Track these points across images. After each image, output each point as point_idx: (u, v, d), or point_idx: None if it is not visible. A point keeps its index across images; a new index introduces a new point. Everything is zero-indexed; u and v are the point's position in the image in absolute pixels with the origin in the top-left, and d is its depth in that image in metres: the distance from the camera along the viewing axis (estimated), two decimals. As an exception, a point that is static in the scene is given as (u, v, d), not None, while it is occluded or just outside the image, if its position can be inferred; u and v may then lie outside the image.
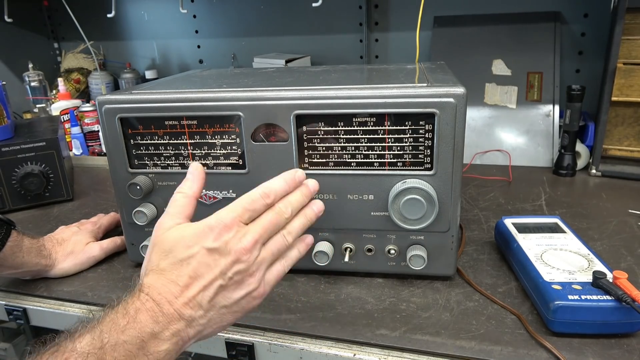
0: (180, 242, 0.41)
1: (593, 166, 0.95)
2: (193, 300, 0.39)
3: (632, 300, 0.46)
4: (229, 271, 0.40)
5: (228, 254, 0.41)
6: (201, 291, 0.39)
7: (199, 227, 0.41)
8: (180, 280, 0.39)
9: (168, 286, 0.39)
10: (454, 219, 0.56)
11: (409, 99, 0.52)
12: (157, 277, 0.40)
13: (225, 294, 0.41)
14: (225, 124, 0.57)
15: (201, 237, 0.41)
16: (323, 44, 1.32)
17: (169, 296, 0.39)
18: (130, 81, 1.47)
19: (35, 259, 0.62)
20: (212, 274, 0.40)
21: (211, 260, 0.40)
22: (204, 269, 0.40)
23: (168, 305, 0.38)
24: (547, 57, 1.05)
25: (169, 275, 0.40)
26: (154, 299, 0.38)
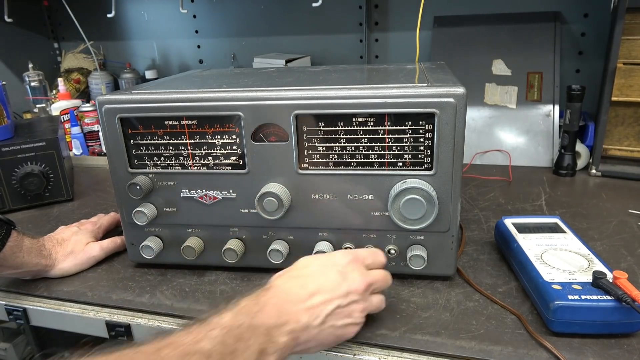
0: (316, 261, 0.48)
1: (593, 166, 0.95)
2: (314, 309, 0.44)
3: (632, 300, 0.46)
4: (349, 296, 0.46)
5: (353, 281, 0.46)
6: (322, 304, 0.44)
7: (331, 256, 0.49)
8: (308, 287, 0.44)
9: (295, 289, 0.45)
10: (454, 219, 0.56)
11: (409, 99, 0.52)
12: (288, 279, 0.46)
13: (338, 315, 0.45)
14: (225, 124, 0.57)
15: (335, 260, 0.47)
16: (323, 44, 1.32)
17: (294, 298, 0.44)
18: (130, 81, 1.47)
19: (36, 259, 0.62)
20: (336, 293, 0.45)
21: (339, 281, 0.46)
22: (331, 285, 0.45)
23: (292, 306, 0.43)
24: (547, 57, 1.05)
25: (298, 281, 0.45)
26: (280, 297, 0.43)
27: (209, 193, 0.60)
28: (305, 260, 0.49)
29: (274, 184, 0.57)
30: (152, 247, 0.62)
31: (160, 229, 0.64)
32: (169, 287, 0.62)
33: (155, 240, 0.63)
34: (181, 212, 0.62)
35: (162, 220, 0.63)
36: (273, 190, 0.56)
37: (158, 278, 0.64)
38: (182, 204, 0.61)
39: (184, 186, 0.61)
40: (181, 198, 0.61)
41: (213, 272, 0.65)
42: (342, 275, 0.46)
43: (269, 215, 0.57)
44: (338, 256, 0.49)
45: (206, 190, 0.60)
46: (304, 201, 0.58)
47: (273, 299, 0.43)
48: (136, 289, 0.62)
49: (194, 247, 0.62)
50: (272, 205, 0.56)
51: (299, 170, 0.57)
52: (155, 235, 0.64)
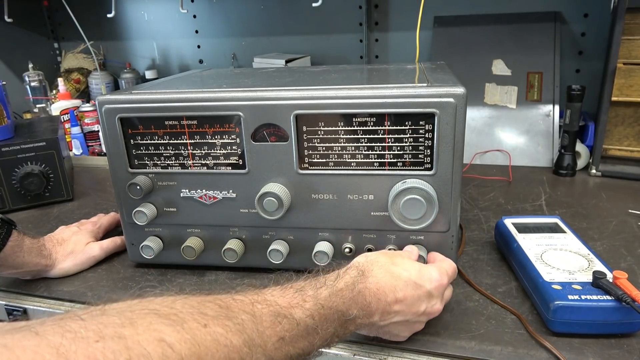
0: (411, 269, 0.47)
1: (593, 166, 0.95)
2: (388, 314, 0.45)
3: (632, 300, 0.46)
4: (422, 316, 0.47)
5: (433, 305, 0.47)
6: (397, 313, 0.45)
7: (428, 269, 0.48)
8: (397, 293, 0.45)
9: (387, 289, 0.44)
10: (454, 219, 0.56)
11: (409, 99, 0.52)
12: (384, 274, 0.45)
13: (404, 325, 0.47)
14: (225, 124, 0.57)
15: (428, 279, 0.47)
16: (323, 44, 1.32)
17: (382, 297, 0.44)
18: (130, 81, 1.47)
19: (36, 259, 0.62)
20: (412, 310, 0.46)
21: (421, 300, 0.46)
22: (414, 302, 0.45)
23: (376, 303, 0.43)
24: (547, 57, 1.05)
25: (393, 282, 0.45)
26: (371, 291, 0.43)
27: (209, 193, 0.60)
28: (409, 262, 0.48)
29: (274, 184, 0.57)
30: (152, 247, 0.62)
31: (160, 229, 0.64)
32: (169, 287, 0.62)
33: (155, 240, 0.63)
34: (181, 212, 0.62)
35: (162, 220, 0.63)
36: (273, 190, 0.56)
37: (158, 278, 0.64)
38: (182, 204, 0.61)
39: (184, 186, 0.61)
40: (181, 198, 0.61)
41: (213, 272, 0.65)
42: (428, 297, 0.46)
43: (269, 215, 0.57)
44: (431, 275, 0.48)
45: (206, 190, 0.60)
46: (304, 201, 0.58)
47: (366, 290, 0.43)
48: (136, 289, 0.62)
49: (194, 247, 0.62)
50: (272, 205, 0.56)
51: (299, 170, 0.57)
52: (155, 235, 0.64)
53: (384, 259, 0.47)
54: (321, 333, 0.39)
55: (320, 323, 0.39)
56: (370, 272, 0.45)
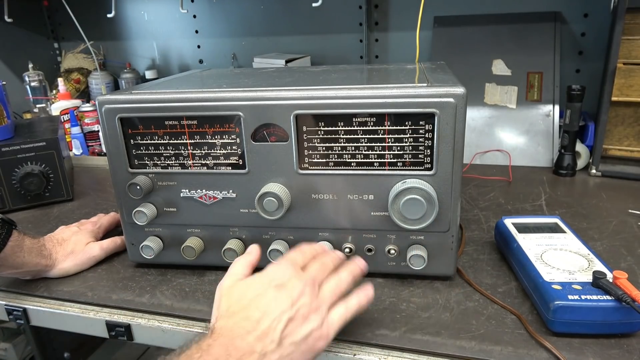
0: (249, 288, 0.45)
1: (593, 166, 0.95)
2: (265, 334, 0.41)
3: (632, 300, 0.46)
4: (296, 303, 0.43)
5: (293, 288, 0.44)
6: (272, 324, 0.41)
7: (262, 275, 0.46)
8: (252, 315, 0.41)
9: (240, 323, 0.41)
10: (454, 219, 0.56)
11: (409, 99, 0.52)
12: (228, 319, 0.42)
13: (293, 328, 0.42)
14: (225, 124, 0.57)
15: (266, 279, 0.45)
16: (323, 44, 1.32)
17: (242, 331, 0.40)
18: (130, 81, 1.47)
19: (36, 259, 0.62)
20: (281, 307, 0.42)
21: (279, 295, 0.43)
22: (274, 303, 0.42)
23: (240, 340, 0.40)
24: (547, 57, 1.05)
25: (240, 314, 0.42)
26: (226, 336, 0.40)
27: (209, 193, 0.60)
28: (238, 290, 0.45)
29: (274, 184, 0.57)
30: (152, 247, 0.62)
31: (160, 229, 0.64)
32: (169, 287, 0.62)
33: (155, 240, 0.63)
34: (181, 212, 0.62)
35: (162, 220, 0.63)
36: (273, 190, 0.56)
37: (158, 278, 0.64)
38: (182, 204, 0.62)
39: (184, 186, 0.61)
40: (181, 198, 0.61)
41: (213, 272, 0.65)
42: (280, 287, 0.44)
43: (269, 215, 0.57)
44: (269, 271, 0.46)
45: (206, 190, 0.60)
46: (304, 201, 0.58)
47: (218, 340, 0.39)
48: (136, 289, 0.62)
49: (194, 247, 0.62)
50: (272, 205, 0.56)
51: (299, 170, 0.57)
52: (155, 235, 0.64)
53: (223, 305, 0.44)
54: None
55: None
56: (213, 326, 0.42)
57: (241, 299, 0.44)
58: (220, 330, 0.41)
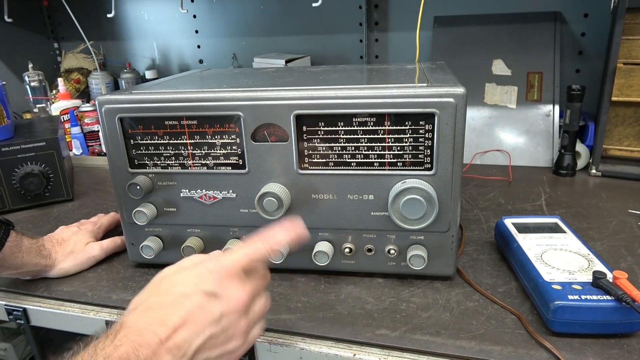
0: (179, 283, 0.38)
1: (593, 166, 0.95)
2: (179, 347, 0.35)
3: (632, 300, 0.46)
4: (223, 320, 0.37)
5: (227, 300, 0.38)
6: (190, 337, 0.35)
7: (199, 269, 0.39)
8: (170, 320, 0.35)
9: (153, 326, 0.35)
10: (454, 219, 0.56)
11: (409, 99, 0.52)
12: (143, 314, 0.36)
13: (212, 345, 0.37)
14: (225, 124, 0.57)
15: (201, 279, 0.38)
16: (323, 44, 1.32)
17: (152, 338, 0.34)
18: (130, 81, 1.47)
19: (35, 259, 0.62)
20: (206, 320, 0.36)
21: (207, 305, 0.37)
22: (199, 312, 0.36)
23: (147, 349, 0.33)
24: (547, 57, 1.05)
25: (157, 313, 0.36)
26: (132, 341, 0.34)
27: (209, 193, 0.60)
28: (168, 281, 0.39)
29: (274, 184, 0.57)
30: (152, 247, 0.62)
31: (160, 229, 0.64)
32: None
33: (155, 240, 0.63)
34: (181, 212, 0.62)
35: (162, 220, 0.63)
36: (273, 190, 0.56)
37: (158, 278, 0.64)
38: (182, 204, 0.61)
39: (184, 186, 0.61)
40: (181, 198, 0.61)
41: (213, 272, 0.65)
42: (213, 296, 0.37)
43: (269, 215, 0.57)
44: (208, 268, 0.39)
45: (206, 190, 0.60)
46: (304, 201, 0.58)
47: (120, 348, 0.33)
48: (136, 289, 0.62)
49: (194, 247, 0.62)
50: (272, 205, 0.56)
51: (299, 170, 0.57)
52: (155, 235, 0.64)
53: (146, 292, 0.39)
54: None
55: None
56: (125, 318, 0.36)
57: (166, 293, 0.38)
58: (127, 330, 0.35)
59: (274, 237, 0.43)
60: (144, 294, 0.39)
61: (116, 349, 0.33)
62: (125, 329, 0.35)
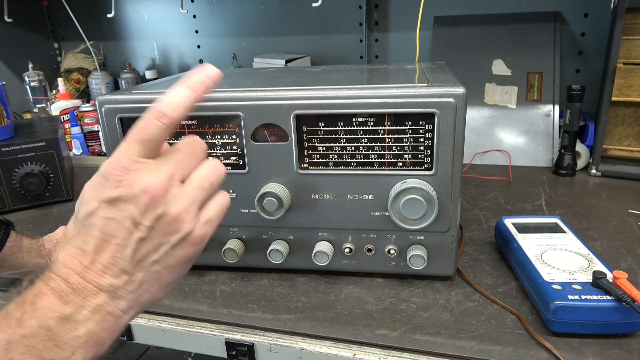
0: (81, 202, 0.33)
1: (593, 166, 0.95)
2: (110, 265, 0.31)
3: (632, 300, 0.46)
4: (145, 218, 0.32)
5: (135, 197, 0.32)
6: (117, 252, 0.32)
7: (93, 179, 0.33)
8: (87, 245, 0.31)
9: (75, 256, 0.31)
10: (454, 219, 0.56)
11: (409, 99, 0.52)
12: (62, 248, 0.32)
13: (149, 247, 0.32)
14: (225, 124, 0.57)
15: (97, 188, 0.32)
16: (323, 44, 1.32)
17: (78, 267, 0.31)
18: (130, 81, 1.47)
19: (35, 259, 0.61)
20: (123, 228, 0.32)
21: (116, 212, 0.32)
22: (112, 225, 0.32)
23: (78, 278, 0.31)
24: (547, 57, 1.05)
25: (74, 241, 0.32)
26: (60, 275, 0.31)
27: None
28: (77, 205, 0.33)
29: (274, 184, 0.57)
30: (152, 247, 0.62)
31: (160, 229, 0.63)
32: (169, 287, 0.62)
33: (155, 240, 0.63)
34: (181, 212, 0.62)
35: (162, 220, 0.63)
36: (273, 190, 0.56)
37: (158, 278, 0.64)
38: (182, 204, 0.61)
39: (184, 186, 0.60)
40: (181, 198, 0.61)
41: (213, 272, 0.65)
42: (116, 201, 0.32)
43: (269, 215, 0.57)
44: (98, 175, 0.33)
45: (206, 190, 0.60)
46: (304, 201, 0.58)
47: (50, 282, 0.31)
48: (136, 289, 0.61)
49: (194, 247, 0.61)
50: (272, 205, 0.56)
51: (299, 170, 0.57)
52: (155, 235, 0.64)
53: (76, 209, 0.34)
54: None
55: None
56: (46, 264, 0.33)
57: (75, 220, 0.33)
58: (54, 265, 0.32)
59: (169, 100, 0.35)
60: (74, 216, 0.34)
61: (44, 285, 0.31)
62: (50, 267, 0.32)
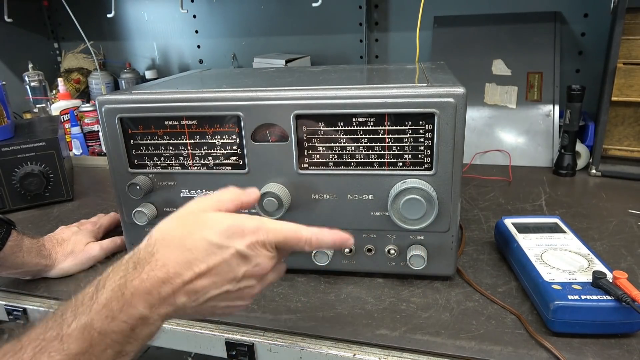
0: (216, 229, 0.39)
1: (593, 166, 0.95)
2: (196, 292, 0.37)
3: (632, 300, 0.46)
4: (243, 281, 0.39)
5: (253, 266, 0.40)
6: (208, 287, 0.38)
7: (241, 224, 0.39)
8: (197, 266, 0.37)
9: (181, 267, 0.37)
10: (454, 219, 0.56)
11: (409, 99, 0.52)
12: (173, 251, 0.37)
13: (224, 298, 0.39)
14: (225, 124, 0.57)
15: (238, 236, 0.39)
16: (323, 44, 1.32)
17: (176, 279, 0.36)
18: (130, 81, 1.47)
19: (35, 259, 0.62)
20: (228, 276, 0.38)
21: (235, 263, 0.39)
22: (225, 267, 0.38)
23: (169, 287, 0.36)
24: (547, 57, 1.05)
25: (188, 255, 0.37)
26: (157, 277, 0.36)
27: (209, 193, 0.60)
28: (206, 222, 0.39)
29: (274, 184, 0.57)
30: (152, 247, 0.62)
31: (160, 229, 0.64)
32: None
33: (155, 240, 0.63)
34: (181, 212, 0.62)
35: (162, 220, 0.63)
36: (273, 190, 0.56)
37: (158, 278, 0.64)
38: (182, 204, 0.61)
39: (184, 186, 0.61)
40: (181, 198, 0.61)
41: (213, 272, 0.65)
42: (243, 257, 0.39)
43: (269, 215, 0.57)
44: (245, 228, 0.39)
45: (206, 190, 0.60)
46: (304, 201, 0.58)
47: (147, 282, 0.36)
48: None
49: (194, 247, 0.61)
50: (272, 205, 0.56)
51: (299, 170, 0.57)
52: (155, 235, 0.64)
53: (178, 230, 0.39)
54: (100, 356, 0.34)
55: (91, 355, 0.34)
56: (152, 257, 0.37)
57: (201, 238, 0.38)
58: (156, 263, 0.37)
59: (321, 240, 0.43)
60: (178, 227, 0.40)
61: (142, 283, 0.36)
62: (154, 262, 0.37)
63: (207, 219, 0.40)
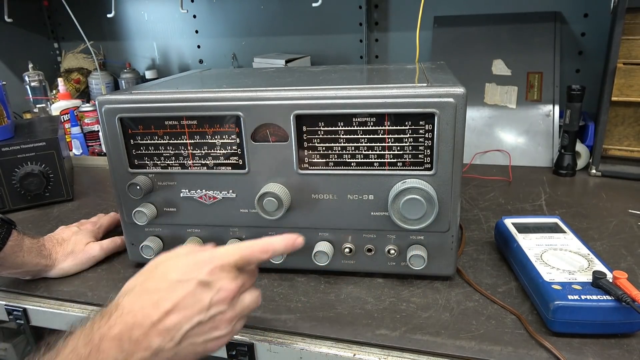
0: (173, 267, 0.41)
1: (593, 166, 0.95)
2: (168, 331, 0.38)
3: (632, 300, 0.46)
4: (212, 309, 0.40)
5: (218, 290, 0.41)
6: (179, 322, 0.39)
7: (195, 257, 0.42)
8: (163, 305, 0.38)
9: (147, 309, 0.38)
10: (454, 219, 0.56)
11: (409, 99, 0.52)
12: (138, 297, 0.39)
13: (199, 332, 0.40)
14: (225, 124, 0.57)
15: (196, 268, 0.41)
16: (323, 44, 1.32)
17: (145, 320, 0.37)
18: (130, 81, 1.47)
19: (36, 259, 0.62)
20: (196, 307, 0.39)
21: (199, 293, 0.40)
22: (190, 299, 0.39)
23: (140, 330, 0.37)
24: (547, 57, 1.05)
25: (152, 296, 0.39)
26: (126, 322, 0.37)
27: (208, 193, 0.60)
28: (164, 266, 0.42)
29: (274, 184, 0.57)
30: (152, 247, 0.62)
31: (160, 229, 0.64)
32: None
33: (155, 240, 0.63)
34: (181, 212, 0.62)
35: (162, 220, 0.63)
36: (273, 190, 0.56)
37: (158, 278, 0.64)
38: (182, 204, 0.61)
39: (184, 186, 0.61)
40: (181, 198, 0.61)
41: (213, 272, 0.65)
42: (205, 285, 0.40)
43: (269, 215, 0.57)
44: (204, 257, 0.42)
45: (206, 190, 0.60)
46: (304, 201, 0.58)
47: (115, 328, 0.36)
48: (136, 289, 0.62)
49: (194, 247, 0.61)
50: (272, 205, 0.56)
51: (299, 170, 0.57)
52: (155, 235, 0.64)
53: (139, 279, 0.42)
54: None
55: None
56: (118, 307, 0.39)
57: (161, 278, 0.40)
58: (122, 310, 0.38)
59: (271, 244, 0.45)
60: (139, 277, 0.42)
61: (110, 329, 0.36)
62: (120, 310, 0.38)
63: (164, 262, 0.42)
